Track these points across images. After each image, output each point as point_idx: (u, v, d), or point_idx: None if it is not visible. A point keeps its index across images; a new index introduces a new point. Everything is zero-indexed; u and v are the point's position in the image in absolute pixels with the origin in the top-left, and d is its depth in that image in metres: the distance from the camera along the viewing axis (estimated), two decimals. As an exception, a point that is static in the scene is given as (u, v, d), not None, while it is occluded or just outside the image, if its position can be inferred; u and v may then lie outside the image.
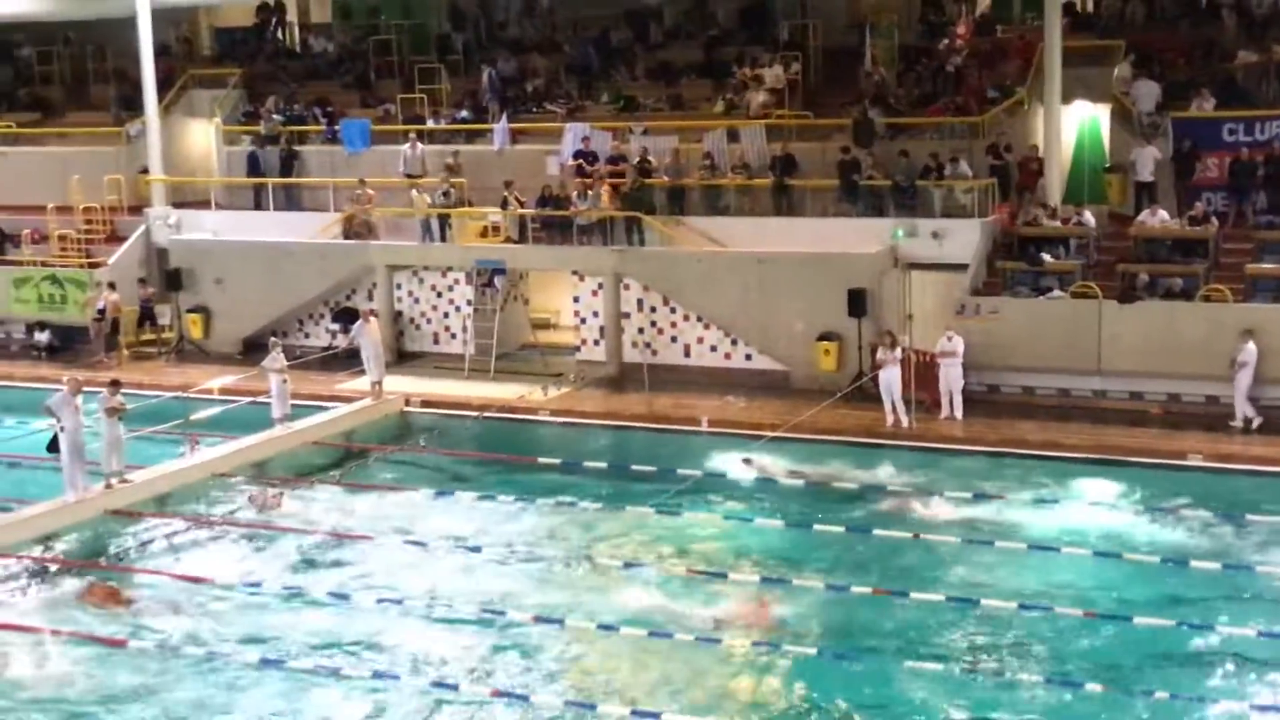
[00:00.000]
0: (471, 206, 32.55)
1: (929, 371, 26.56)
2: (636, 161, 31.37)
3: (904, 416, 25.80)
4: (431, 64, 37.00)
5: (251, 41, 41.86)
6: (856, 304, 27.80)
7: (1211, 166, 28.27)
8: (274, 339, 28.40)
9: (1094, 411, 26.18)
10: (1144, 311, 26.11)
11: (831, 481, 23.36)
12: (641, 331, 30.30)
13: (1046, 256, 27.68)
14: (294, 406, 26.96)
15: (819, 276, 28.45)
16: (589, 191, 31.01)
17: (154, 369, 32.29)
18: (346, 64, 39.63)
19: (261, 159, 35.78)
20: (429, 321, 32.79)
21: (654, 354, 29.98)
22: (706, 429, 26.65)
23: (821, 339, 28.36)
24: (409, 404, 28.87)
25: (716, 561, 20.06)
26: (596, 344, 30.96)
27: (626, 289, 30.43)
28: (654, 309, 30.33)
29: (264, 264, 33.33)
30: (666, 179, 31.32)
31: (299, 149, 35.91)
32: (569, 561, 20.22)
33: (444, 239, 32.36)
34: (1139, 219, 27.80)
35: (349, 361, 29.83)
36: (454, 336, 32.35)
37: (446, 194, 32.46)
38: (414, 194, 32.77)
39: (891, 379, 25.80)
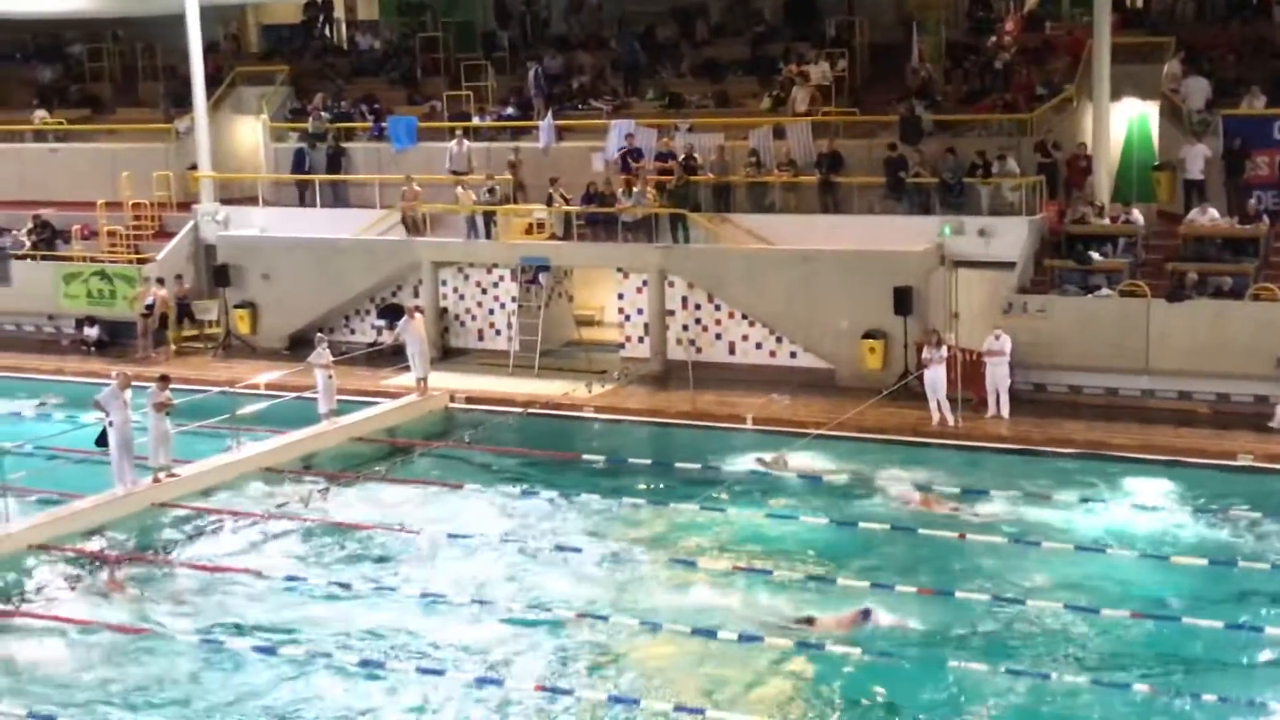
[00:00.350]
0: (517, 204, 32.65)
1: (975, 370, 26.42)
2: (682, 158, 31.32)
3: (949, 415, 25.69)
4: (477, 61, 37.06)
5: (299, 38, 42.07)
6: (902, 302, 27.68)
7: (1262, 165, 27.99)
8: (320, 335, 28.64)
9: (1142, 411, 25.97)
10: (1193, 310, 25.90)
11: (876, 480, 23.27)
12: (686, 329, 30.26)
13: (1095, 255, 27.48)
14: (339, 402, 27.16)
15: (865, 274, 28.36)
16: (634, 188, 30.99)
17: (201, 364, 32.49)
18: (393, 61, 39.74)
19: (308, 156, 35.97)
20: (474, 318, 32.85)
21: (698, 351, 29.96)
22: (751, 427, 26.61)
23: (867, 337, 28.26)
24: (453, 400, 28.96)
25: (761, 559, 20.00)
26: (641, 341, 30.92)
27: (671, 286, 30.39)
28: (698, 306, 30.30)
29: (311, 260, 33.51)
30: (712, 176, 31.27)
31: (346, 146, 36.06)
32: (612, 558, 20.22)
33: (489, 236, 32.45)
34: (1189, 217, 27.55)
35: (394, 357, 29.91)
36: (499, 333, 32.41)
37: (492, 190, 32.54)
38: (459, 190, 32.85)
39: (936, 378, 25.69)
